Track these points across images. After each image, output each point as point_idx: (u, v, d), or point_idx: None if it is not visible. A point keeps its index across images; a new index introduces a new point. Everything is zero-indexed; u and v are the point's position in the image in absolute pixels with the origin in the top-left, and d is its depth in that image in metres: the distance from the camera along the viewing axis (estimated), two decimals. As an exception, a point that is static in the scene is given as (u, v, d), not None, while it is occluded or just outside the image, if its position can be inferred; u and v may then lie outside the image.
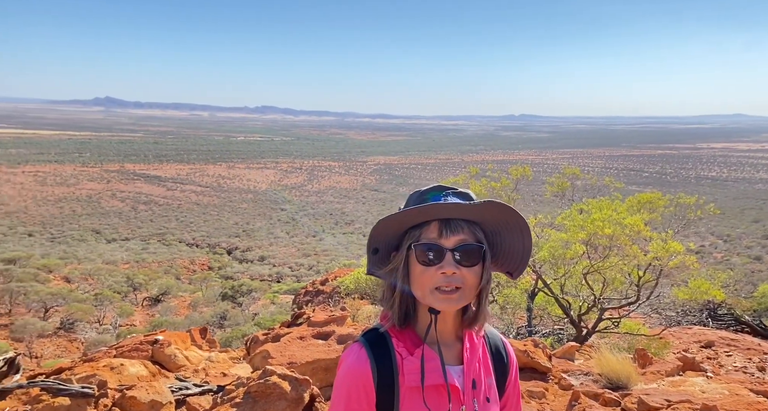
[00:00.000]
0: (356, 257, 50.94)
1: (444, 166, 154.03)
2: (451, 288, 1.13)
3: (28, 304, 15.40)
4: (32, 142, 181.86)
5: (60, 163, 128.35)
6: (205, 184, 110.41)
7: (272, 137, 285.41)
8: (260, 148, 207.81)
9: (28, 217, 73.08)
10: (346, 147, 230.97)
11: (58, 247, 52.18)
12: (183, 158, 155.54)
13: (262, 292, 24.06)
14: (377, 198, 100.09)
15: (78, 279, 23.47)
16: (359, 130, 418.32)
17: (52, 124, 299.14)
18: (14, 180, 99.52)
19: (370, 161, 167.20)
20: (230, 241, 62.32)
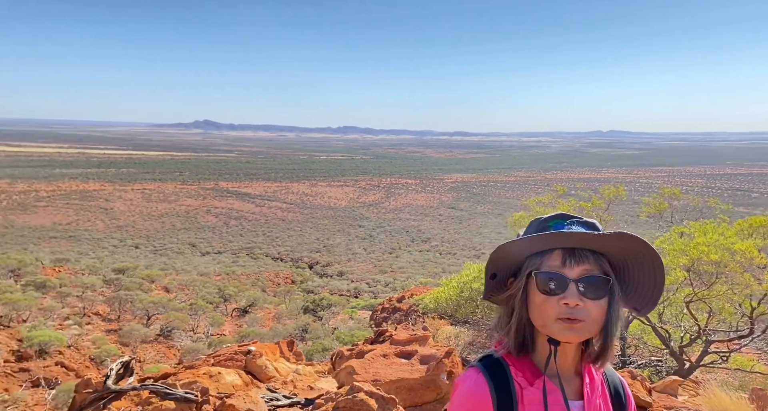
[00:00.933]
0: (432, 275, 50.42)
1: (525, 184, 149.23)
2: (574, 319, 1.08)
3: (134, 312, 16.83)
4: (140, 162, 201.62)
5: (163, 181, 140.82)
6: (289, 201, 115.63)
7: (352, 156, 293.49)
8: (341, 167, 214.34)
9: (135, 231, 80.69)
10: (423, 165, 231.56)
11: (159, 258, 56.93)
12: (270, 176, 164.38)
13: (341, 307, 24.47)
14: (454, 216, 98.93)
15: (176, 289, 25.32)
16: (437, 148, 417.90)
17: (157, 145, 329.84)
18: (125, 196, 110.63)
19: (447, 179, 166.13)
20: (312, 256, 64.47)
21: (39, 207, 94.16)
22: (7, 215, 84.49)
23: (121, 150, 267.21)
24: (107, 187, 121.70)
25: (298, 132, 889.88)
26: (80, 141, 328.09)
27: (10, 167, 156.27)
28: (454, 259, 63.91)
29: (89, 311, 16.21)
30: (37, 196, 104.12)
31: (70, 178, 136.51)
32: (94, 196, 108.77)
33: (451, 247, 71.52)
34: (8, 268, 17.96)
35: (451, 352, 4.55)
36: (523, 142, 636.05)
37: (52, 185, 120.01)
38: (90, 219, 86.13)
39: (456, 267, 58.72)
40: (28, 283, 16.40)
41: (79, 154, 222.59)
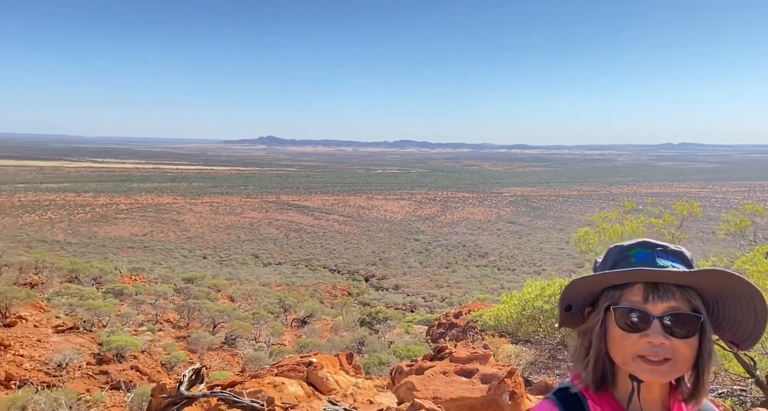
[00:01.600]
0: (490, 291, 49.19)
1: (588, 198, 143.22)
2: (659, 359, 0.99)
3: (201, 319, 17.63)
4: (209, 176, 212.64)
5: (230, 194, 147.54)
6: (346, 214, 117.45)
7: (408, 169, 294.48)
8: (397, 180, 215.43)
9: (203, 242, 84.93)
10: (480, 178, 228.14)
11: (225, 268, 59.51)
12: (329, 190, 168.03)
13: (397, 321, 24.38)
14: (513, 230, 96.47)
15: (240, 298, 26.29)
16: (494, 161, 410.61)
17: (225, 161, 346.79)
18: (195, 209, 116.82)
19: (505, 193, 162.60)
20: (368, 269, 65.00)
21: (119, 219, 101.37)
22: (91, 227, 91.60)
23: (192, 165, 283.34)
24: (179, 201, 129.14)
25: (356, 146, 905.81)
26: (156, 157, 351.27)
27: (94, 182, 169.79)
28: (513, 275, 62.07)
29: (161, 318, 17.16)
30: (117, 209, 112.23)
31: (146, 192, 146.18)
32: (167, 208, 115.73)
33: (509, 263, 69.65)
34: (91, 276, 19.41)
35: (514, 372, 4.44)
36: (585, 155, 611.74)
37: (130, 199, 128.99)
38: (163, 230, 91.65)
39: (515, 283, 57.18)
40: (108, 291, 17.64)
41: (155, 170, 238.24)
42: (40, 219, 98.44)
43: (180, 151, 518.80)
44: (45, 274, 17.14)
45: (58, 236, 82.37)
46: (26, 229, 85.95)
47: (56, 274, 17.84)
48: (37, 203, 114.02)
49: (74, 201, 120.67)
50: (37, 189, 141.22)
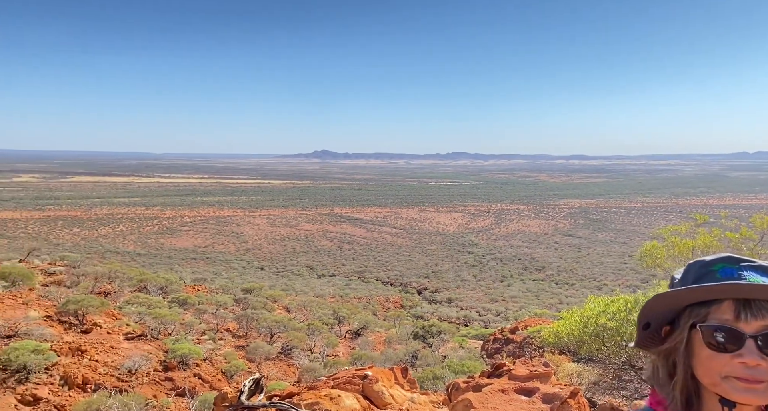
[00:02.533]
0: (548, 306, 47.50)
1: (653, 210, 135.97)
2: (754, 381, 0.92)
3: (259, 329, 18.11)
4: (267, 190, 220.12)
5: (286, 207, 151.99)
6: (399, 227, 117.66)
7: (461, 181, 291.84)
8: (450, 192, 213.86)
9: (261, 254, 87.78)
10: (536, 190, 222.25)
11: (281, 280, 61.12)
12: (381, 202, 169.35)
13: (451, 335, 23.99)
14: (571, 243, 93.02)
15: (295, 309, 26.81)
16: (551, 172, 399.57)
17: (282, 174, 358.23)
18: (253, 222, 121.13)
19: (563, 204, 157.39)
20: (420, 282, 64.62)
21: (183, 231, 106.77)
22: (158, 238, 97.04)
23: (251, 179, 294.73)
24: (238, 213, 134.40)
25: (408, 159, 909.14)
26: (217, 172, 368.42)
27: (161, 196, 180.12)
28: (573, 290, 59.78)
29: (221, 328, 17.78)
30: (182, 222, 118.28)
31: (208, 205, 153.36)
32: (228, 221, 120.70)
33: (568, 277, 67.28)
34: (158, 285, 20.47)
35: (577, 392, 4.24)
36: (650, 165, 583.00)
37: (194, 212, 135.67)
38: (223, 242, 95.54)
39: (574, 298, 54.97)
40: (173, 300, 18.52)
41: (216, 184, 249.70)
42: (113, 231, 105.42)
43: (240, 165, 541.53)
44: (117, 284, 18.25)
45: (129, 247, 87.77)
46: (101, 241, 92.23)
47: (127, 284, 18.96)
48: (110, 216, 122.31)
49: (143, 214, 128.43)
50: (111, 203, 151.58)
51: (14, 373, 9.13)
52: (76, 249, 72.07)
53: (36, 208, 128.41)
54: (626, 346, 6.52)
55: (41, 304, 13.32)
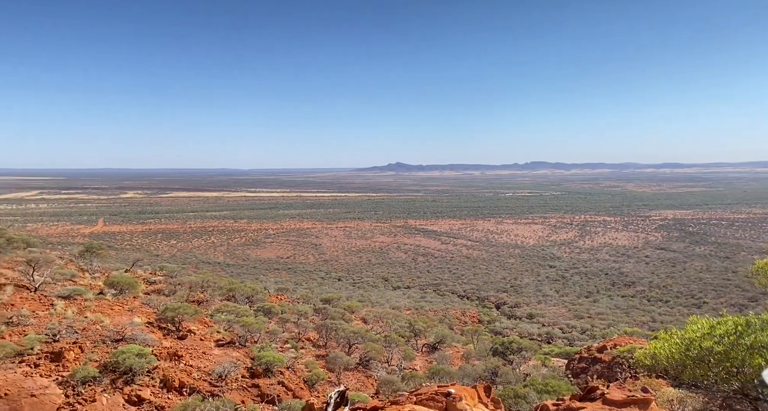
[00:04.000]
0: (639, 324, 44.25)
1: (761, 222, 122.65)
2: None
3: (338, 340, 18.47)
4: (343, 202, 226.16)
5: (361, 219, 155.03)
6: (474, 239, 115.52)
7: (541, 192, 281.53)
8: (528, 204, 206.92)
9: (338, 265, 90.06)
10: (624, 200, 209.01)
11: (357, 291, 62.20)
12: (455, 214, 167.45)
13: (533, 352, 23.04)
14: (665, 258, 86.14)
15: (372, 321, 27.07)
16: (640, 181, 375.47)
17: (357, 187, 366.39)
18: (331, 234, 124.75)
19: (654, 216, 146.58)
20: (498, 296, 62.82)
21: (267, 243, 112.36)
22: (245, 250, 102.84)
23: (329, 192, 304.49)
24: (317, 226, 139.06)
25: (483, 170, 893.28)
26: (298, 186, 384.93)
27: (248, 209, 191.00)
28: (667, 307, 55.58)
29: (303, 337, 18.35)
30: (266, 234, 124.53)
31: (290, 218, 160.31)
32: (307, 233, 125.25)
33: (662, 294, 62.45)
34: (245, 294, 21.61)
35: (682, 424, 3.87)
36: (756, 173, 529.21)
37: (277, 224, 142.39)
38: (303, 253, 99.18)
39: (670, 317, 50.78)
40: (258, 309, 19.43)
41: (297, 197, 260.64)
42: (205, 243, 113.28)
43: (318, 179, 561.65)
44: (208, 293, 19.48)
45: (219, 258, 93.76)
46: (194, 252, 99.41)
47: (217, 293, 20.18)
48: (203, 229, 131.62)
49: (232, 227, 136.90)
50: (203, 217, 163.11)
51: (122, 374, 10.00)
52: (173, 259, 78.20)
53: (139, 222, 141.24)
54: (738, 373, 5.88)
55: (144, 310, 14.53)
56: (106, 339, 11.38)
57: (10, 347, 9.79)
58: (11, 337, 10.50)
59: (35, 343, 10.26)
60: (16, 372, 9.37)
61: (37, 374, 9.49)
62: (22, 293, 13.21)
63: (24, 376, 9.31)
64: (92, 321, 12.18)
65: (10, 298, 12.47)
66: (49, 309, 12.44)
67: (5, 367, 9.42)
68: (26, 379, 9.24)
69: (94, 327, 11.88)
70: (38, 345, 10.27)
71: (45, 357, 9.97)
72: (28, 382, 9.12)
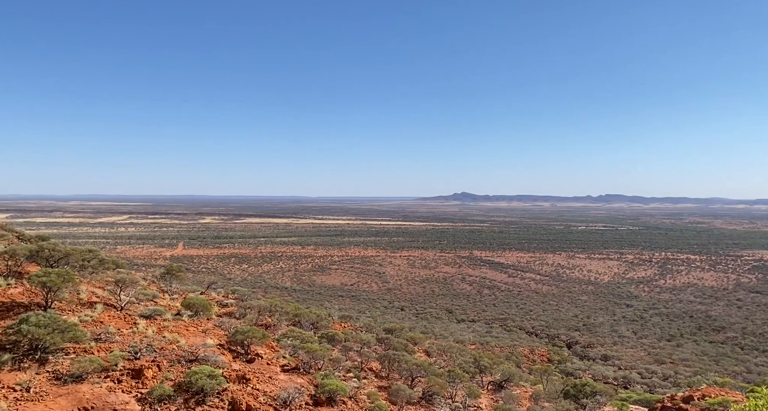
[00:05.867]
0: (731, 375, 40.06)
1: None
2: None
3: (400, 371, 18.18)
4: (408, 231, 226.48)
5: (425, 249, 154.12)
6: (544, 273, 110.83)
7: (617, 226, 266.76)
8: (602, 238, 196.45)
9: (401, 294, 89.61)
10: (710, 238, 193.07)
11: (421, 322, 61.28)
12: (524, 246, 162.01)
13: (608, 397, 21.49)
14: (761, 302, 77.99)
15: (435, 353, 26.45)
16: (729, 218, 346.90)
17: (422, 216, 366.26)
18: (394, 262, 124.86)
19: (747, 256, 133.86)
20: (570, 334, 59.42)
21: (332, 269, 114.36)
22: (311, 276, 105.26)
23: (393, 221, 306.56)
24: (381, 254, 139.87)
25: (554, 202, 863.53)
26: (363, 214, 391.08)
27: (315, 236, 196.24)
28: (765, 357, 50.16)
29: (365, 366, 18.25)
30: (332, 260, 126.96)
31: (354, 245, 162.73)
32: (371, 261, 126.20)
33: (758, 342, 56.37)
34: (310, 320, 21.95)
35: None
36: None
37: (342, 251, 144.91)
38: (367, 281, 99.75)
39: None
40: (322, 336, 19.63)
41: (362, 225, 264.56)
42: (274, 268, 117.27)
43: (383, 207, 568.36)
44: (276, 317, 20.01)
45: (286, 283, 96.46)
46: (264, 276, 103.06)
47: (284, 318, 20.67)
48: (272, 254, 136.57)
49: (299, 253, 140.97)
50: (273, 242, 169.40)
51: (194, 394, 10.42)
52: (244, 283, 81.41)
53: (215, 246, 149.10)
54: None
55: (216, 332, 15.15)
56: (181, 359, 11.95)
57: (98, 362, 10.54)
58: (99, 353, 11.31)
59: (119, 359, 10.98)
60: (101, 386, 10.04)
61: (119, 390, 10.11)
62: (110, 311, 14.26)
63: (108, 391, 9.96)
64: (169, 341, 12.87)
65: (99, 316, 13.50)
66: (132, 327, 13.32)
67: (92, 381, 10.13)
68: (110, 394, 9.88)
69: (170, 346, 12.53)
70: (121, 362, 10.97)
71: (127, 373, 10.62)
72: (111, 397, 9.74)
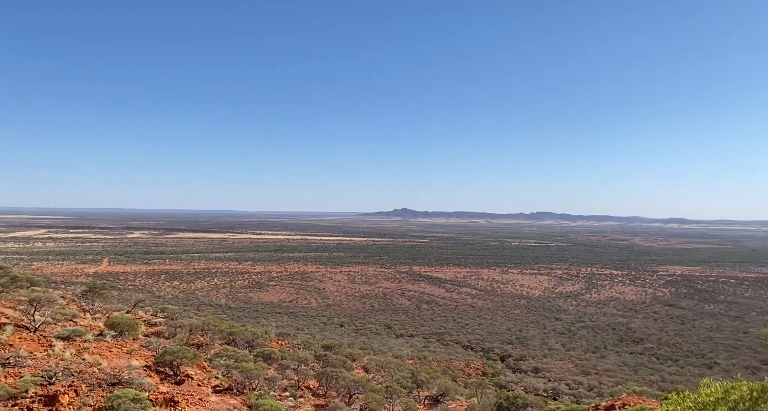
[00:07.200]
0: (649, 384, 42.67)
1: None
2: None
3: (338, 389, 17.94)
4: (349, 246, 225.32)
5: (366, 264, 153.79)
6: (479, 287, 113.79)
7: (547, 243, 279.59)
8: (534, 254, 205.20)
9: (341, 310, 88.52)
10: (630, 254, 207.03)
11: (360, 337, 60.75)
12: (461, 262, 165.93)
13: (538, 409, 22.23)
14: (674, 314, 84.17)
15: (374, 369, 26.35)
16: (647, 236, 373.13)
17: (363, 232, 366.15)
18: (335, 278, 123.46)
19: (662, 271, 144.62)
20: (503, 347, 61.13)
21: (270, 286, 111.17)
22: (248, 292, 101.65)
23: (334, 236, 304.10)
24: (321, 269, 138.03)
25: (489, 218, 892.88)
26: (303, 229, 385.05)
27: (252, 251, 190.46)
28: (677, 366, 53.81)
29: (302, 384, 17.84)
30: (269, 276, 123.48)
31: (294, 260, 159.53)
32: (311, 276, 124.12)
33: (671, 352, 60.56)
34: (246, 339, 21.22)
35: None
36: (765, 231, 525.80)
37: (281, 267, 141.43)
38: (306, 297, 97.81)
39: (680, 377, 49.09)
40: (258, 354, 19.02)
41: (302, 240, 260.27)
42: (208, 284, 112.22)
43: (324, 222, 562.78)
44: (209, 336, 19.17)
45: (221, 300, 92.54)
46: (197, 294, 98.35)
47: (218, 336, 19.85)
48: (206, 270, 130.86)
49: (235, 269, 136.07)
50: (207, 258, 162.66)
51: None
52: (175, 301, 77.35)
53: (144, 262, 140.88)
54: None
55: (142, 353, 14.28)
56: (103, 382, 11.14)
57: (5, 389, 9.60)
58: (6, 379, 10.32)
59: (30, 385, 10.06)
60: (8, 415, 9.14)
61: (29, 418, 9.24)
62: (21, 333, 13.08)
63: (16, 420, 9.07)
64: (90, 363, 11.97)
65: (9, 339, 12.34)
66: (48, 350, 12.28)
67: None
68: (18, 422, 9.00)
69: (90, 369, 11.66)
70: (33, 388, 10.06)
71: (39, 401, 9.74)
72: (19, 426, 8.88)
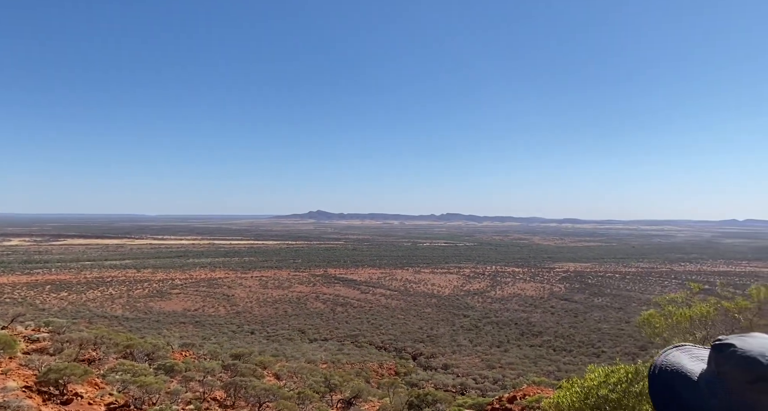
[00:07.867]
0: (546, 374, 45.88)
1: (647, 276, 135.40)
2: None
3: (247, 398, 17.29)
4: (261, 250, 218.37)
5: (279, 268, 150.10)
6: (393, 288, 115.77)
7: (456, 243, 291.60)
8: (444, 254, 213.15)
9: (252, 317, 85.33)
10: (530, 252, 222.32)
11: (272, 344, 58.98)
12: (375, 263, 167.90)
13: (447, 404, 23.06)
14: (568, 308, 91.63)
15: (285, 376, 25.75)
16: (545, 235, 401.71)
17: (276, 235, 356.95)
18: (245, 284, 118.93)
19: (558, 268, 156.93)
20: (415, 346, 62.64)
21: (173, 294, 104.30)
22: (148, 302, 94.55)
23: (245, 240, 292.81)
24: (230, 275, 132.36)
25: (403, 220, 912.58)
26: (211, 233, 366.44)
27: (153, 258, 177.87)
28: (571, 356, 58.12)
29: (208, 396, 16.98)
30: (173, 284, 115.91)
31: (200, 267, 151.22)
32: (219, 283, 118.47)
33: (566, 343, 65.66)
34: (145, 351, 19.76)
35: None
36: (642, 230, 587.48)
37: (185, 274, 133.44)
38: (214, 305, 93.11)
39: (573, 366, 53.35)
40: (159, 367, 17.80)
41: (210, 245, 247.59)
42: (102, 295, 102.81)
43: (234, 226, 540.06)
44: (102, 350, 17.62)
45: (117, 311, 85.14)
46: (89, 305, 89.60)
47: (112, 350, 18.30)
48: (100, 280, 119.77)
49: (134, 277, 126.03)
50: (101, 266, 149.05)
51: (-14, 449, 8.59)
52: (62, 314, 69.86)
53: (24, 272, 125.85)
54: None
55: (21, 373, 12.77)
56: (-30, 409, 9.81)
57: None
58: None
59: None
60: None
61: None
62: None
63: None
64: (-46, 387, 10.48)
65: None
66: None
67: None
68: None
69: (-45, 395, 10.22)
70: None
71: None
72: None
